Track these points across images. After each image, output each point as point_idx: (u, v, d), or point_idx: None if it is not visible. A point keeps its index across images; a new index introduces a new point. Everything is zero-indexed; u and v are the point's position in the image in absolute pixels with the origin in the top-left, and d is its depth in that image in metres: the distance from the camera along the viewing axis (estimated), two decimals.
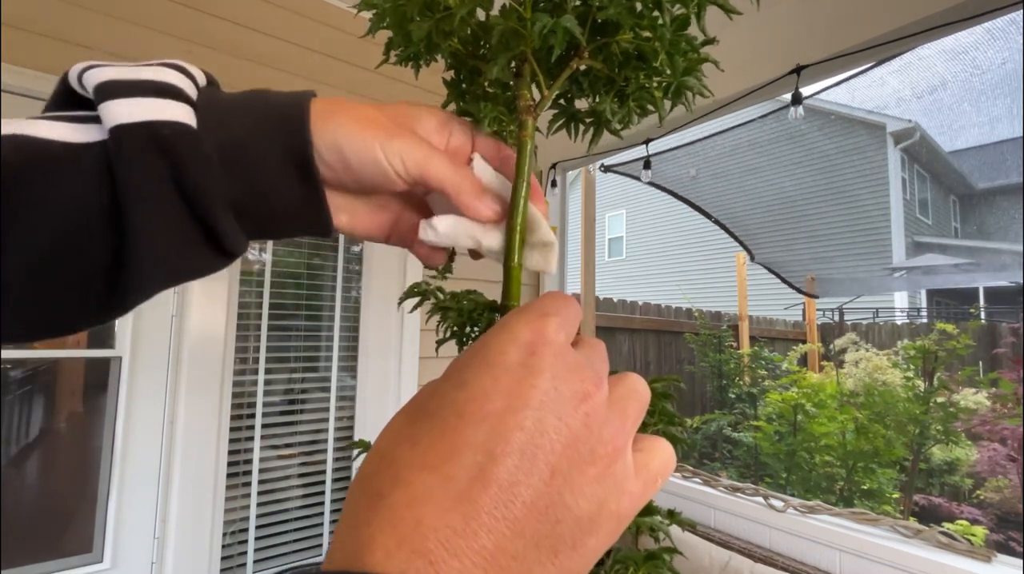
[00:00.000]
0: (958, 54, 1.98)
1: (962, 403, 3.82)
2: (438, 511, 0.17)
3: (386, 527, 0.17)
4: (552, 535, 0.19)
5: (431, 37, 0.34)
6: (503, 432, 0.19)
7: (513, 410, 0.19)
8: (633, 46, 0.32)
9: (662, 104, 0.34)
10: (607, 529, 0.20)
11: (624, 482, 0.21)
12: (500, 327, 0.22)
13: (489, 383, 0.20)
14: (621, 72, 0.34)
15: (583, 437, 0.20)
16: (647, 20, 0.31)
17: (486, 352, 0.21)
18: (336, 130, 0.28)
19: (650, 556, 0.45)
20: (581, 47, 0.33)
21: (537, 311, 0.22)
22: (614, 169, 2.83)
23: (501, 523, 0.18)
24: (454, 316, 0.57)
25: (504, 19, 0.32)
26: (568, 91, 0.37)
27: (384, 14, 0.36)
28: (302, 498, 1.95)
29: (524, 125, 0.33)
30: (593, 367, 0.22)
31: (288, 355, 1.96)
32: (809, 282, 4.40)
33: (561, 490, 0.19)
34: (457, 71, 0.39)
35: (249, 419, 1.84)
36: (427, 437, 0.19)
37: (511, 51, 0.32)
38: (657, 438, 0.24)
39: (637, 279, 12.47)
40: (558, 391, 0.20)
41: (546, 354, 0.21)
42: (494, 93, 0.38)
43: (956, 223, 10.74)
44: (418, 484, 0.18)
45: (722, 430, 4.62)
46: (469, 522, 0.17)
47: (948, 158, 8.55)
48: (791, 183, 3.46)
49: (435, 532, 0.17)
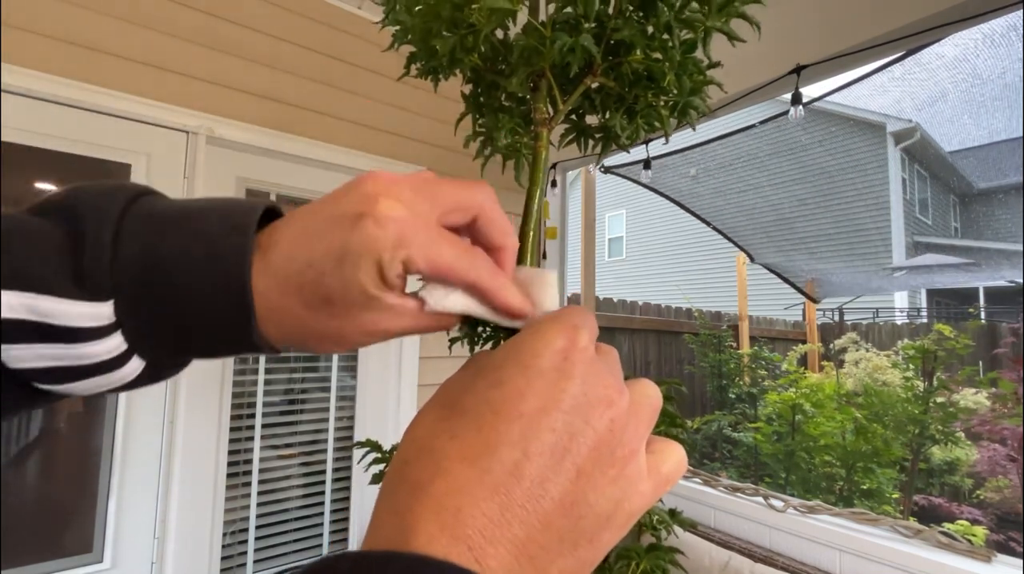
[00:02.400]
0: (959, 62, 1.98)
1: (962, 403, 3.82)
2: (476, 501, 0.19)
3: (429, 514, 0.18)
4: (575, 530, 0.20)
5: (455, 52, 0.36)
6: (537, 431, 0.20)
7: (546, 411, 0.21)
8: (644, 66, 0.34)
9: (668, 122, 0.37)
10: (620, 525, 0.22)
11: (637, 482, 0.22)
12: (534, 333, 0.23)
13: (524, 384, 0.21)
14: (631, 90, 0.36)
15: (606, 440, 0.21)
16: (658, 42, 0.33)
17: (521, 355, 0.22)
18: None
19: (652, 548, 0.46)
20: (595, 65, 0.35)
21: (568, 321, 0.24)
22: (614, 170, 2.83)
23: (532, 516, 0.19)
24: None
25: (526, 36, 0.33)
26: (580, 107, 0.40)
27: (408, 30, 0.37)
28: (302, 498, 1.94)
29: (539, 136, 0.35)
30: (616, 375, 0.23)
31: (288, 355, 1.96)
32: (809, 285, 4.41)
33: (585, 489, 0.21)
34: (476, 85, 0.41)
35: (249, 419, 1.84)
36: (464, 431, 0.21)
37: (531, 67, 0.34)
38: (670, 441, 0.25)
39: (637, 279, 12.47)
40: (587, 397, 0.22)
41: (578, 361, 0.22)
42: (510, 106, 0.40)
43: (956, 223, 10.75)
44: (458, 475, 0.19)
45: (722, 430, 4.62)
46: (504, 513, 0.19)
47: (948, 159, 8.56)
48: (789, 201, 3.46)
49: (473, 520, 0.18)
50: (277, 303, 0.24)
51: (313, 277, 0.23)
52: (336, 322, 0.24)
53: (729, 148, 2.83)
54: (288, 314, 0.24)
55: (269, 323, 0.24)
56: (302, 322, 0.24)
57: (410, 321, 0.25)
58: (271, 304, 0.24)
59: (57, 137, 1.51)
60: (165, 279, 0.23)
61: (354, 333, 0.25)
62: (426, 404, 0.24)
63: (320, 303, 0.23)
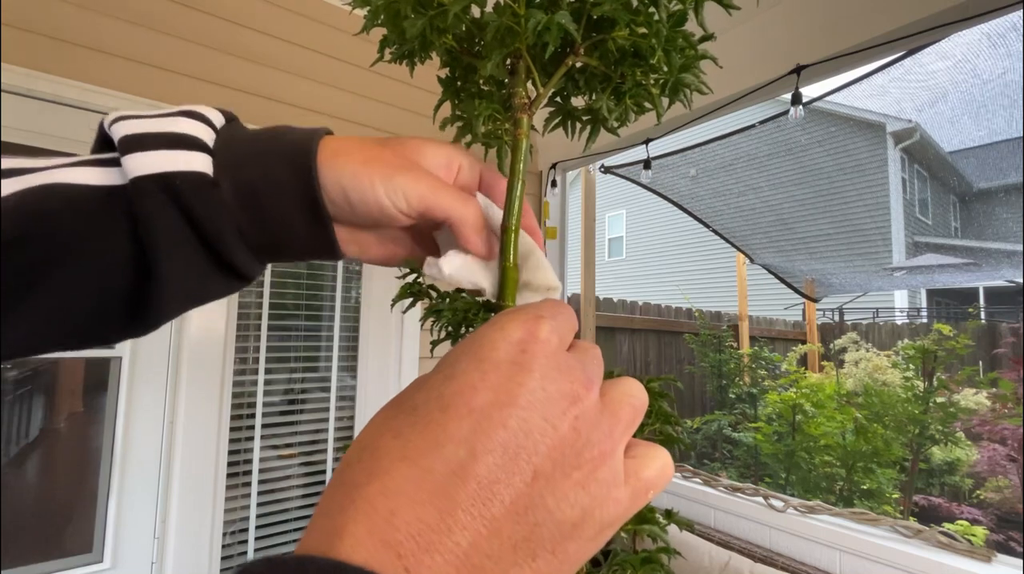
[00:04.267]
0: (959, 62, 1.97)
1: (962, 403, 3.82)
2: (412, 503, 0.17)
3: (359, 516, 0.17)
4: (531, 538, 0.18)
5: (425, 34, 0.34)
6: (487, 428, 0.18)
7: (499, 406, 0.19)
8: (629, 43, 0.32)
9: (659, 101, 0.34)
10: (589, 535, 0.20)
11: (611, 489, 0.20)
12: (492, 324, 0.22)
13: (477, 378, 0.20)
14: (617, 69, 0.33)
15: (569, 440, 0.19)
16: (643, 16, 0.31)
17: (477, 347, 0.21)
18: (340, 171, 0.29)
19: (646, 559, 0.45)
20: (576, 44, 0.32)
21: (531, 312, 0.22)
22: (614, 171, 2.83)
23: (478, 521, 0.17)
24: (448, 316, 0.57)
25: (498, 15, 0.31)
26: (564, 89, 0.37)
27: (378, 11, 0.35)
28: (302, 498, 1.95)
29: (519, 123, 0.33)
30: (585, 370, 0.22)
31: (288, 355, 1.96)
32: (808, 285, 4.40)
33: (543, 492, 0.19)
34: (452, 68, 0.38)
35: (249, 419, 1.84)
36: (410, 429, 0.19)
37: (505, 48, 0.32)
38: (654, 445, 0.23)
39: (637, 279, 12.46)
40: (546, 391, 0.20)
41: (537, 354, 0.20)
42: (489, 91, 0.37)
43: (956, 223, 10.74)
44: (395, 475, 0.18)
45: (722, 430, 4.62)
46: (444, 518, 0.17)
47: (948, 159, 8.55)
48: (789, 203, 3.44)
49: (407, 525, 0.16)
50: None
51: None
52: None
53: (728, 148, 2.82)
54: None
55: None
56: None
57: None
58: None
59: (57, 137, 1.51)
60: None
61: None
62: (384, 404, 0.22)
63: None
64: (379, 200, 0.29)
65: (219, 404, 1.74)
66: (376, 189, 0.29)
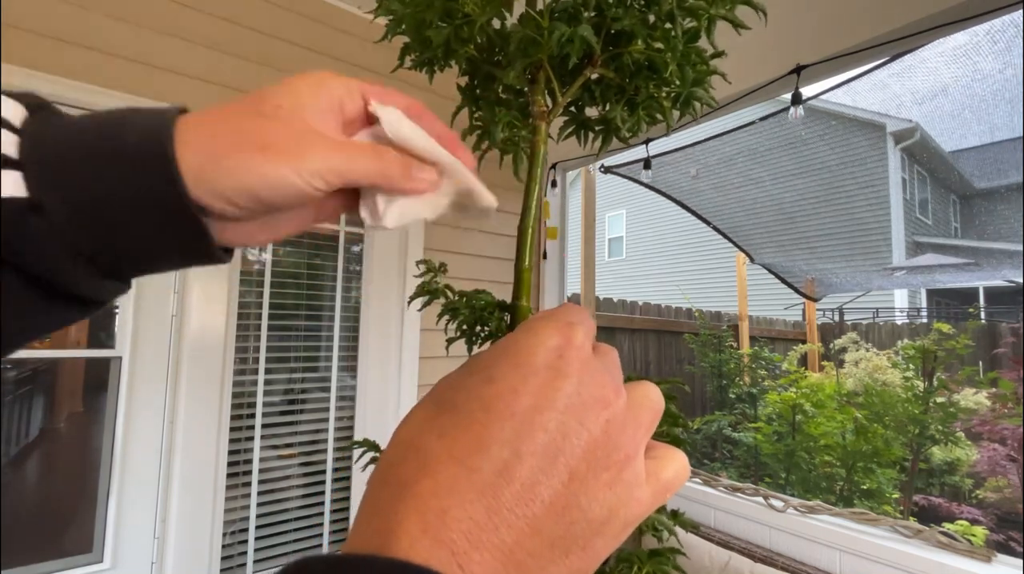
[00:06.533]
0: (960, 57, 1.98)
1: (962, 403, 3.82)
2: (462, 502, 0.18)
3: (412, 515, 0.18)
4: (566, 536, 0.19)
5: (449, 43, 0.35)
6: (529, 431, 0.19)
7: (539, 410, 0.20)
8: (645, 56, 0.33)
9: (670, 113, 0.36)
10: (615, 532, 0.21)
11: (634, 489, 0.21)
12: (529, 330, 0.23)
13: (518, 382, 0.21)
14: (632, 81, 0.35)
15: (601, 443, 0.20)
16: (660, 32, 0.32)
17: (515, 352, 0.22)
18: (240, 174, 0.25)
19: (655, 553, 0.46)
20: (595, 56, 0.34)
21: (563, 318, 0.23)
22: (614, 170, 2.83)
23: (521, 520, 0.18)
24: (465, 314, 0.58)
25: (523, 27, 0.32)
26: (579, 99, 0.38)
27: (401, 20, 0.36)
28: (302, 498, 1.94)
29: (537, 130, 0.34)
30: (613, 376, 0.23)
31: (288, 355, 1.96)
32: (808, 284, 4.40)
33: (577, 493, 0.19)
34: (472, 77, 0.40)
35: (249, 419, 1.84)
36: (454, 430, 0.20)
37: (528, 58, 0.33)
38: (671, 447, 0.24)
39: (637, 279, 12.46)
40: (581, 397, 0.21)
41: (573, 360, 0.21)
42: (507, 99, 0.39)
43: (956, 223, 10.75)
44: (445, 474, 0.18)
45: (722, 430, 4.62)
46: (491, 516, 0.18)
47: (948, 158, 8.55)
48: (790, 195, 3.44)
49: (459, 523, 0.17)
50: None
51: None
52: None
53: (729, 143, 2.82)
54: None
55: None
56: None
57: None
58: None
59: None
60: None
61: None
62: (417, 403, 0.23)
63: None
64: (298, 189, 0.26)
65: (219, 404, 1.74)
66: (289, 180, 0.25)
